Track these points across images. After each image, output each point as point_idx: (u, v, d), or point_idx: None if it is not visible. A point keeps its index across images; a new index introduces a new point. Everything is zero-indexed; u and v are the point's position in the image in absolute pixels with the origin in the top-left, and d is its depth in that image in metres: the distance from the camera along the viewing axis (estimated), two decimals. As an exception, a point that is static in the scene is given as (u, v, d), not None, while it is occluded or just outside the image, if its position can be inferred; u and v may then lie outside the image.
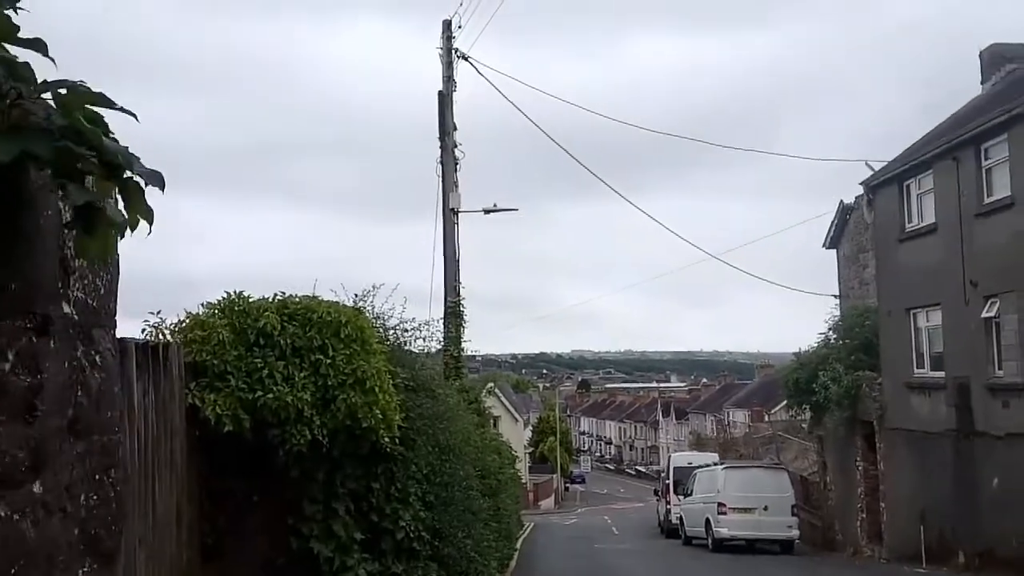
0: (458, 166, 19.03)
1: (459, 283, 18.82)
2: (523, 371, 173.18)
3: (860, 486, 23.29)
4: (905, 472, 20.83)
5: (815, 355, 25.13)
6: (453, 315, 18.55)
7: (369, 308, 7.74)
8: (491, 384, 25.30)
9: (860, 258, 28.95)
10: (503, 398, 54.93)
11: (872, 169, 26.31)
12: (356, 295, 7.67)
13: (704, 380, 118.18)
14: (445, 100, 18.80)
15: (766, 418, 59.17)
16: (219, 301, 6.07)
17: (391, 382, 6.62)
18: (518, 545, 23.57)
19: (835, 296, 30.33)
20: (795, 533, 23.93)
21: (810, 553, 24.31)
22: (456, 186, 18.94)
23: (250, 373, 5.78)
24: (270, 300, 6.17)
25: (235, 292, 6.12)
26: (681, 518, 27.60)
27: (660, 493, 33.99)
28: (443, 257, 18.73)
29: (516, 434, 51.99)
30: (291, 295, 6.29)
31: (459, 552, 9.22)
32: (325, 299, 6.40)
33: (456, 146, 18.96)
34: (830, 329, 26.08)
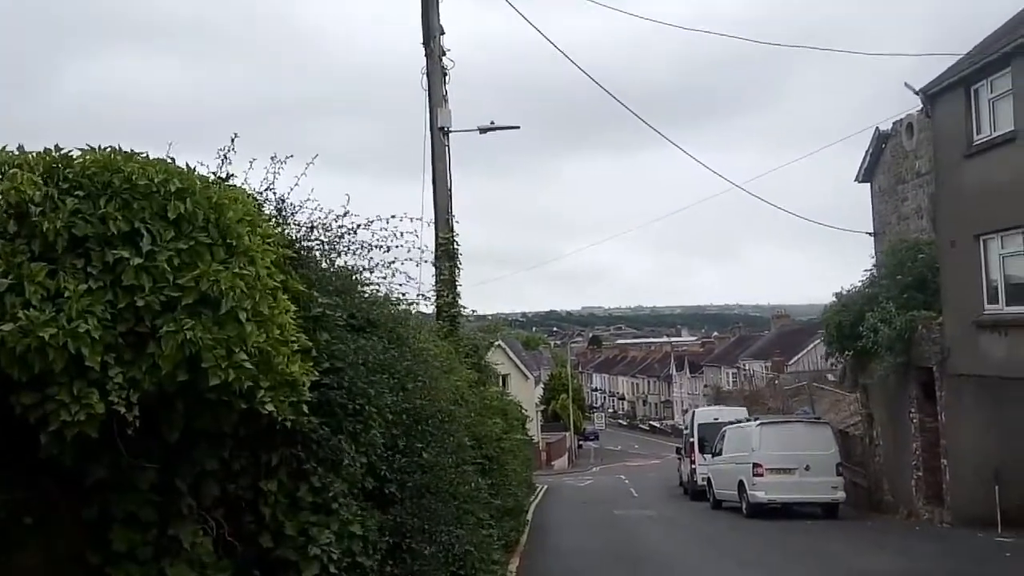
0: (447, 77, 16.01)
1: (452, 216, 15.91)
2: (533, 329, 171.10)
3: (916, 441, 20.49)
4: (973, 424, 18.01)
5: (860, 295, 22.20)
6: (445, 255, 15.66)
7: (258, 189, 4.80)
8: (494, 336, 22.38)
9: (898, 190, 26.20)
10: (512, 354, 52.26)
11: (913, 90, 23.30)
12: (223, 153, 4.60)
13: (716, 333, 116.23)
14: (430, -1, 15.70)
15: (785, 369, 56.75)
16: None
17: (291, 310, 3.79)
18: (529, 515, 21.03)
19: (869, 233, 27.69)
20: (841, 495, 21.27)
21: (857, 517, 21.67)
22: (446, 101, 15.94)
23: (-24, 286, 2.95)
24: (35, 156, 3.29)
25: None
26: (709, 480, 24.97)
27: (683, 452, 31.30)
28: (432, 186, 15.81)
29: (527, 392, 49.39)
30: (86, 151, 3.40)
31: (444, 557, 6.52)
32: (144, 155, 3.47)
33: (444, 53, 15.91)
34: (875, 266, 23.21)
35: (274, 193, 4.88)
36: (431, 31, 15.72)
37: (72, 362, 2.92)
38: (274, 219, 4.54)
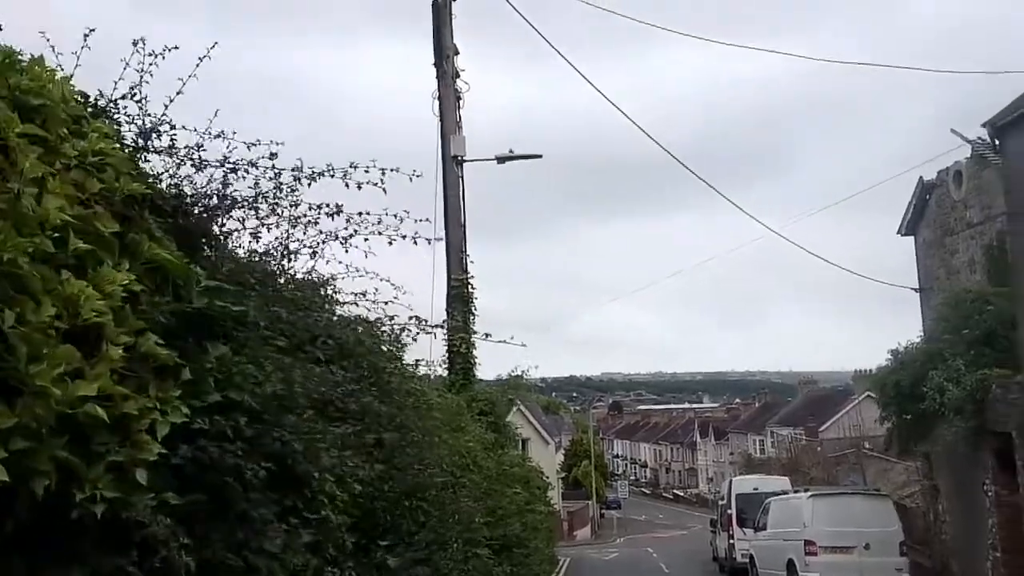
0: (461, 102, 14.37)
1: (466, 255, 14.08)
2: (553, 394, 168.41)
3: (991, 516, 18.10)
4: (1063, 498, 15.71)
5: (919, 352, 20.04)
6: (459, 299, 13.81)
7: (112, 96, 2.88)
8: (515, 392, 20.26)
9: (946, 243, 24.36)
10: (532, 418, 49.86)
11: (962, 137, 21.64)
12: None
13: (738, 400, 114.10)
14: (442, 13, 14.13)
15: (819, 436, 54.32)
16: None
17: (118, 282, 1.87)
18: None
19: (914, 289, 25.85)
20: (905, 577, 18.84)
21: (922, 602, 19.19)
22: (459, 128, 14.28)
23: None
24: None
25: None
26: (751, 557, 22.52)
27: (719, 524, 28.76)
28: (444, 221, 13.99)
29: (548, 458, 46.85)
30: None
31: None
32: None
33: (458, 75, 14.30)
34: (933, 319, 21.13)
35: (140, 105, 2.93)
36: (443, 50, 14.13)
37: None
38: (132, 145, 2.68)
